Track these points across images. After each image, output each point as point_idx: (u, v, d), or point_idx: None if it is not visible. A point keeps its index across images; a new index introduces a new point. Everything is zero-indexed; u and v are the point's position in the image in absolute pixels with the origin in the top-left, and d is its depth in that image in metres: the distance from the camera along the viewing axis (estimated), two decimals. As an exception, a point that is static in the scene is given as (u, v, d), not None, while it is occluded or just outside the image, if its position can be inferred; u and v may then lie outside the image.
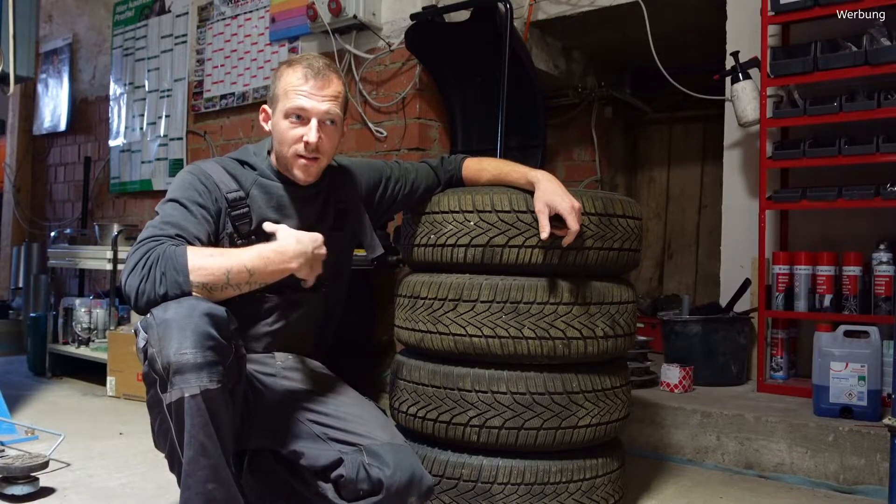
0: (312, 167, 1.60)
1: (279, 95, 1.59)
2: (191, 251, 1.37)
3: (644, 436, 2.48)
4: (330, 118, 1.58)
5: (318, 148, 1.57)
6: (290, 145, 1.58)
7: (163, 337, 1.28)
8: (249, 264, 1.39)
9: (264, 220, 1.60)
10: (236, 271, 1.38)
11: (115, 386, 3.36)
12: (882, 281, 2.48)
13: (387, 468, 1.46)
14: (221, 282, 1.36)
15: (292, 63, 1.60)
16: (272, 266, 1.42)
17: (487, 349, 1.66)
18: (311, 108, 1.56)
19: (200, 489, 1.30)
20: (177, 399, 1.27)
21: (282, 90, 1.58)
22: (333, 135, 1.60)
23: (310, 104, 1.55)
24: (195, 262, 1.35)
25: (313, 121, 1.56)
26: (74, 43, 5.44)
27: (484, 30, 3.06)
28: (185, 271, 1.34)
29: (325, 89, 1.57)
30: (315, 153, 1.58)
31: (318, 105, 1.56)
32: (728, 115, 3.00)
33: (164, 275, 1.33)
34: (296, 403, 1.56)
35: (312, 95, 1.56)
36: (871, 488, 2.09)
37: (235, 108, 4.12)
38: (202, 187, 1.54)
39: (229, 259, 1.39)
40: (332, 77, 1.58)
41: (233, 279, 1.37)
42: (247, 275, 1.39)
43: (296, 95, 1.55)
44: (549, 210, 1.61)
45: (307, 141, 1.55)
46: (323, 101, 1.56)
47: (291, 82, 1.57)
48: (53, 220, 5.52)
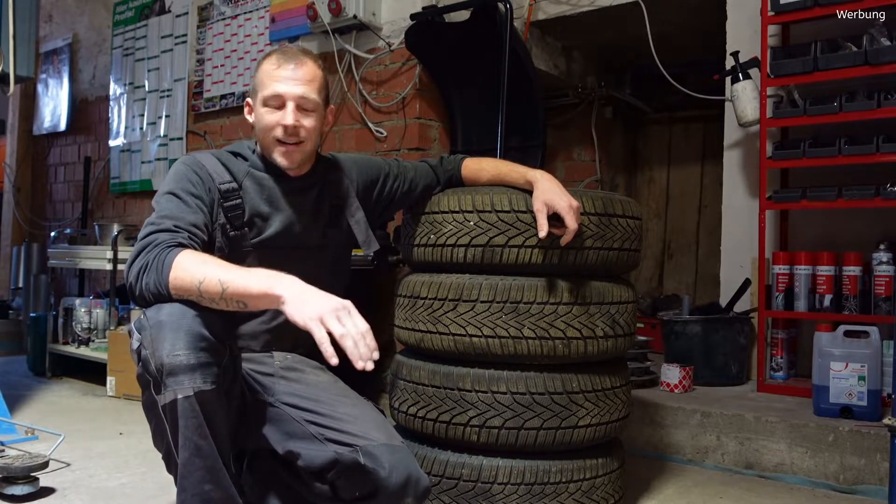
0: (295, 153, 1.60)
1: (257, 86, 1.60)
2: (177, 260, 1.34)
3: (644, 436, 2.48)
4: (307, 102, 1.58)
5: (296, 131, 1.57)
6: (269, 131, 1.58)
7: (156, 338, 1.28)
8: (224, 276, 1.31)
9: (257, 211, 1.60)
10: (208, 283, 1.31)
11: (114, 386, 3.36)
12: (882, 281, 2.48)
13: (383, 469, 1.46)
14: (193, 294, 1.32)
15: (269, 53, 1.63)
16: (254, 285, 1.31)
17: (487, 349, 1.66)
18: (286, 93, 1.56)
19: (197, 490, 1.30)
20: (170, 401, 1.27)
21: (259, 80, 1.60)
22: (312, 118, 1.60)
23: (284, 88, 1.56)
24: (174, 275, 1.33)
25: (289, 104, 1.56)
26: (74, 43, 5.45)
27: (484, 30, 3.06)
28: (167, 286, 1.33)
29: (298, 71, 1.57)
30: (294, 136, 1.58)
31: (292, 89, 1.56)
32: (728, 115, 3.00)
33: (147, 285, 1.35)
34: (293, 404, 1.56)
35: (286, 80, 1.56)
36: (872, 488, 2.09)
37: (235, 108, 4.12)
38: (196, 177, 1.54)
39: (206, 271, 1.33)
40: (305, 61, 1.59)
41: (204, 291, 1.31)
42: (219, 287, 1.30)
43: (270, 81, 1.57)
44: (548, 209, 1.60)
45: (284, 124, 1.56)
46: (297, 85, 1.56)
47: (266, 70, 1.59)
48: (53, 220, 5.52)
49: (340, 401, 1.59)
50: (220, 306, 1.33)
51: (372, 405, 1.65)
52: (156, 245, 1.38)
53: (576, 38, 3.84)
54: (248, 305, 1.33)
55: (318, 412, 1.54)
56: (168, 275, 1.33)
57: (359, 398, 1.65)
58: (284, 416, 1.54)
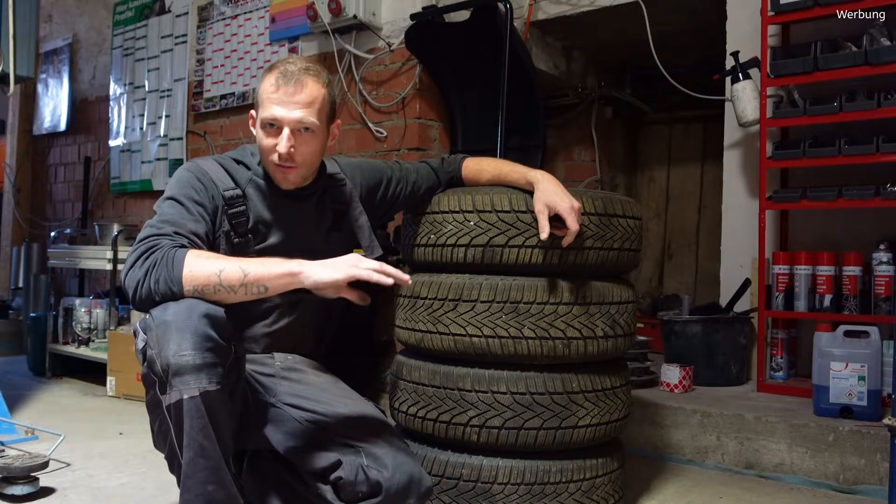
0: (290, 175, 1.58)
1: (257, 103, 1.57)
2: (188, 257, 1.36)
3: (644, 436, 2.48)
4: (304, 126, 1.53)
5: (291, 157, 1.54)
6: (267, 154, 1.56)
7: (161, 338, 1.28)
8: (243, 264, 1.37)
9: (260, 218, 1.60)
10: (229, 271, 1.35)
11: (115, 386, 3.36)
12: (882, 281, 2.48)
13: (385, 470, 1.46)
14: (212, 284, 1.34)
15: (271, 68, 1.57)
16: (273, 268, 1.38)
17: (487, 349, 1.66)
18: (282, 118, 1.51)
19: (200, 490, 1.30)
20: (176, 401, 1.27)
21: (259, 97, 1.56)
22: (311, 142, 1.56)
23: (280, 113, 1.51)
24: (188, 270, 1.34)
25: (285, 130, 1.52)
26: (74, 43, 5.44)
27: (484, 30, 3.06)
28: (179, 281, 1.33)
29: (297, 95, 1.51)
30: (289, 162, 1.55)
31: (288, 114, 1.51)
32: (728, 115, 2.99)
33: (157, 282, 1.34)
34: (294, 404, 1.56)
35: (283, 103, 1.51)
36: (872, 488, 2.09)
37: (235, 108, 4.12)
38: (199, 185, 1.54)
39: (224, 263, 1.37)
40: (306, 82, 1.52)
41: (225, 279, 1.34)
42: (240, 273, 1.35)
43: (269, 105, 1.52)
44: (549, 210, 1.60)
45: (279, 152, 1.52)
46: (294, 109, 1.51)
47: (266, 89, 1.54)
48: (53, 220, 5.52)
49: (342, 401, 1.59)
50: (237, 294, 1.35)
51: (373, 405, 1.65)
52: (160, 247, 1.37)
53: (576, 38, 3.84)
54: (269, 288, 1.37)
55: (319, 412, 1.54)
56: (181, 270, 1.33)
57: (360, 398, 1.65)
58: (286, 417, 1.54)
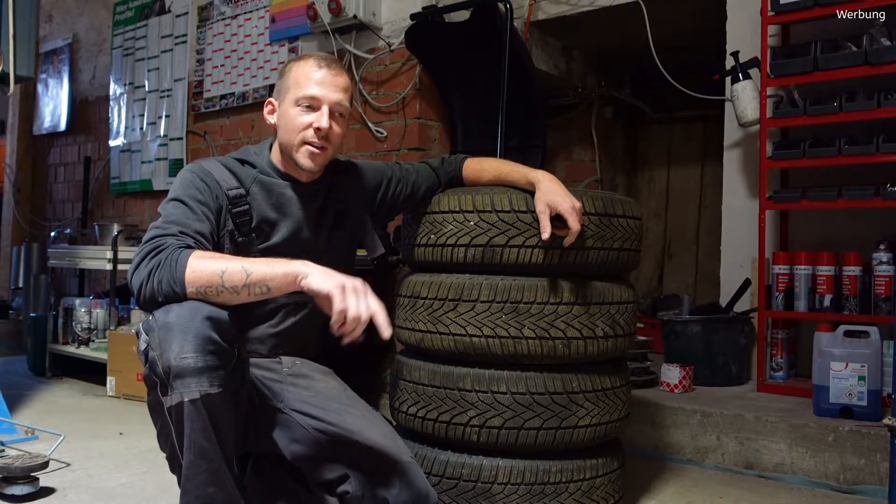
0: (319, 156, 1.60)
1: (290, 86, 1.60)
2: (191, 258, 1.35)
3: (644, 436, 2.48)
4: (340, 109, 1.60)
5: (327, 136, 1.58)
6: (298, 132, 1.58)
7: (164, 340, 1.27)
8: (246, 264, 1.36)
9: (264, 218, 1.60)
10: (231, 271, 1.34)
11: (115, 386, 3.36)
12: (882, 281, 2.48)
13: (393, 488, 1.46)
14: (214, 285, 1.33)
15: (304, 57, 1.64)
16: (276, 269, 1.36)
17: (487, 349, 1.66)
18: (323, 97, 1.58)
19: (200, 493, 1.30)
20: (176, 403, 1.26)
21: (293, 80, 1.60)
22: (342, 126, 1.63)
23: (322, 92, 1.58)
24: (191, 271, 1.33)
25: (325, 107, 1.58)
26: (74, 43, 5.44)
27: (484, 30, 3.06)
28: (182, 282, 1.33)
29: (338, 79, 1.60)
30: (324, 141, 1.59)
31: (330, 94, 1.58)
32: (728, 115, 2.99)
33: (160, 283, 1.33)
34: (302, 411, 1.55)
35: (325, 84, 1.58)
36: (871, 488, 2.09)
37: (235, 108, 4.12)
38: (202, 185, 1.54)
39: (226, 263, 1.36)
40: (342, 71, 1.63)
41: (228, 280, 1.33)
42: (243, 274, 1.34)
43: (309, 84, 1.58)
44: (550, 210, 1.60)
45: (318, 126, 1.56)
46: (336, 91, 1.59)
47: (305, 72, 1.59)
48: (53, 220, 5.52)
49: (349, 411, 1.57)
50: (240, 295, 1.34)
51: (380, 415, 1.63)
52: (165, 247, 1.37)
53: (576, 38, 3.84)
54: (272, 289, 1.36)
55: (327, 421, 1.52)
56: (184, 271, 1.33)
57: (368, 409, 1.63)
58: (293, 423, 1.54)
